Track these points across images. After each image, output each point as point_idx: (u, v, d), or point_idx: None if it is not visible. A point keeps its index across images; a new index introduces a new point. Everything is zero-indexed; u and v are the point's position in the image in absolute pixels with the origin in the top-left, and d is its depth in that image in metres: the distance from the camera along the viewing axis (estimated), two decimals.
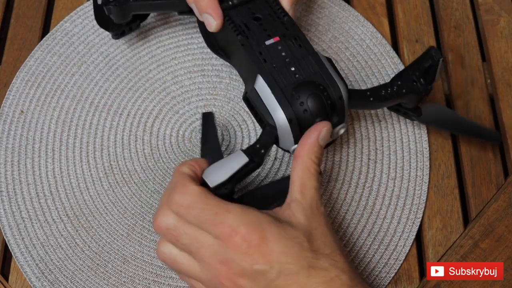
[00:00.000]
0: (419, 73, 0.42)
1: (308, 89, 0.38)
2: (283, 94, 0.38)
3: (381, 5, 0.55)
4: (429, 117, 0.45)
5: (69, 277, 0.43)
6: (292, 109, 0.38)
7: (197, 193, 0.35)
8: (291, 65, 0.39)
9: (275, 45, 0.40)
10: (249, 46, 0.40)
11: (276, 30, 0.41)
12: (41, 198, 0.45)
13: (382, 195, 0.46)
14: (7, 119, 0.48)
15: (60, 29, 0.52)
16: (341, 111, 0.39)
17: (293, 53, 0.40)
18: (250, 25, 0.42)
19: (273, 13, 0.42)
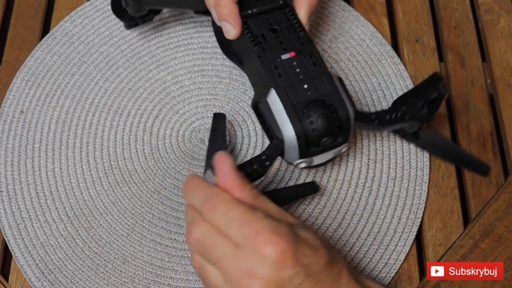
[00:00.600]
0: (424, 101, 0.43)
1: (319, 109, 0.39)
2: (294, 111, 0.39)
3: (381, 5, 0.55)
4: (426, 142, 0.47)
5: (69, 277, 0.43)
6: (302, 126, 0.39)
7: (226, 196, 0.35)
8: (304, 82, 0.40)
9: (290, 61, 0.41)
10: (265, 58, 0.41)
11: (292, 44, 0.42)
12: (41, 198, 0.45)
13: (382, 195, 0.46)
14: (7, 119, 0.48)
15: (60, 29, 0.52)
16: (347, 132, 0.40)
17: (307, 70, 0.41)
18: (267, 37, 0.42)
19: (290, 26, 0.43)
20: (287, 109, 0.39)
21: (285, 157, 0.41)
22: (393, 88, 0.51)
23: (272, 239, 0.33)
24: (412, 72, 0.52)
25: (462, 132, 0.49)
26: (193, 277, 0.43)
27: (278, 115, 0.40)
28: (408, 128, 0.45)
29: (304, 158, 0.40)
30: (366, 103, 0.50)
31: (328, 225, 0.45)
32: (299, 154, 0.40)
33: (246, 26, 0.43)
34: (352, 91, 0.50)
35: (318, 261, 0.34)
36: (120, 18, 0.48)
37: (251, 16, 0.43)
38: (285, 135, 0.39)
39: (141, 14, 0.47)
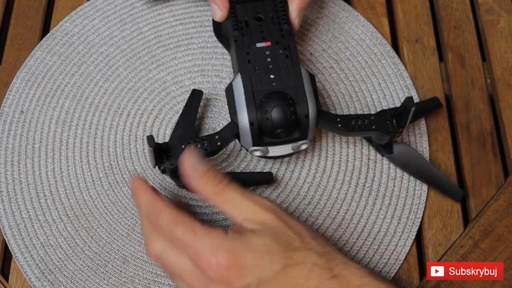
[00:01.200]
0: (394, 114, 0.43)
1: (277, 100, 0.39)
2: (253, 98, 0.40)
3: (381, 5, 0.55)
4: (399, 158, 0.46)
5: (69, 277, 0.43)
6: (256, 114, 0.39)
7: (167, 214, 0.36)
8: (271, 72, 0.41)
9: (263, 49, 0.42)
10: (241, 43, 0.42)
11: (272, 35, 0.42)
12: (41, 198, 0.45)
13: (382, 195, 0.46)
14: (7, 119, 0.48)
15: (60, 29, 0.52)
16: (305, 129, 0.40)
17: (278, 61, 0.41)
18: (250, 23, 0.43)
19: (276, 17, 0.43)
20: (247, 95, 0.40)
21: (241, 142, 0.42)
22: (393, 88, 0.51)
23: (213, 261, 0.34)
24: (412, 72, 0.52)
25: (462, 132, 0.49)
26: None
27: (238, 99, 0.40)
28: (376, 139, 0.45)
29: (258, 146, 0.41)
30: (366, 103, 0.50)
31: (328, 225, 0.45)
32: (252, 141, 0.41)
33: (233, 11, 0.44)
34: (352, 91, 0.50)
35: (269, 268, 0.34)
36: None
37: (240, 2, 0.44)
38: (240, 120, 0.40)
39: None
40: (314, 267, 0.35)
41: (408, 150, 0.47)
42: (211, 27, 0.50)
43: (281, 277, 0.34)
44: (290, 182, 0.47)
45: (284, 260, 0.34)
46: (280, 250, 0.35)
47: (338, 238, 0.45)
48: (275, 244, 0.35)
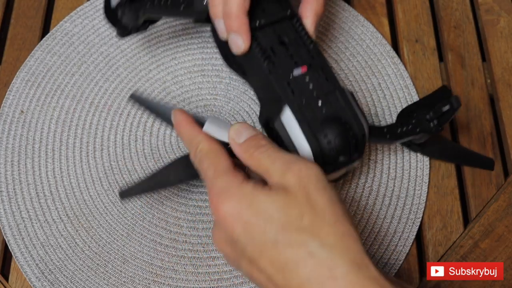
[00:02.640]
0: (433, 114, 0.42)
1: (335, 127, 0.37)
2: (310, 129, 0.37)
3: (381, 5, 0.55)
4: (432, 149, 0.47)
5: (69, 277, 0.43)
6: (319, 144, 0.37)
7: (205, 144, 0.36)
8: (318, 98, 0.38)
9: (302, 77, 0.39)
10: (276, 74, 0.39)
11: (303, 58, 0.40)
12: (41, 198, 0.45)
13: (382, 195, 0.46)
14: (7, 119, 0.48)
15: (60, 29, 0.52)
16: (362, 148, 0.39)
17: (320, 86, 0.39)
18: (276, 50, 0.40)
19: (299, 38, 0.41)
20: (303, 127, 0.37)
21: None
22: (393, 88, 0.51)
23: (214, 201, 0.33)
24: (412, 72, 0.52)
25: (462, 132, 0.49)
26: (193, 277, 0.43)
27: (294, 133, 0.38)
28: (416, 140, 0.45)
29: None
30: (366, 103, 0.50)
31: None
32: None
33: (255, 39, 0.40)
34: (352, 91, 0.50)
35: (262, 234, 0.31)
36: (113, 24, 0.45)
37: (259, 28, 0.41)
38: (302, 154, 0.38)
39: (135, 23, 0.45)
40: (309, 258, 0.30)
41: (437, 139, 0.47)
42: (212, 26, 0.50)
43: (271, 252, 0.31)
44: None
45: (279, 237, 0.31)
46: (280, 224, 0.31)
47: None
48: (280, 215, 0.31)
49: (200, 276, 0.43)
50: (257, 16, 0.41)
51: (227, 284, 0.43)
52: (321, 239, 0.30)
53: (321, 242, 0.30)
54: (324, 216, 0.31)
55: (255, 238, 0.32)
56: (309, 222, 0.31)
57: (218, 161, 0.35)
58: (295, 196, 0.32)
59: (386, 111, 0.50)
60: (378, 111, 0.50)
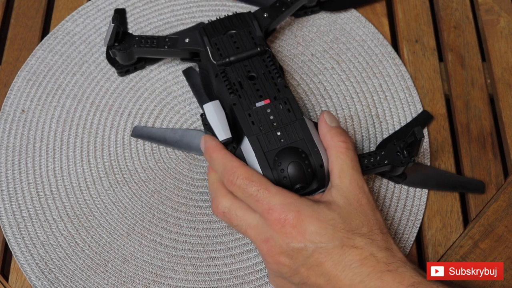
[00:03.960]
0: (403, 145, 0.43)
1: (290, 156, 0.39)
2: (266, 159, 0.39)
3: (381, 5, 0.55)
4: (415, 180, 0.46)
5: (69, 276, 0.43)
6: (273, 175, 0.39)
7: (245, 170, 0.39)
8: (277, 129, 0.40)
9: (264, 108, 0.41)
10: (240, 106, 0.41)
11: (268, 91, 0.42)
12: (41, 197, 0.45)
13: (383, 197, 0.46)
14: (8, 118, 0.48)
15: (62, 29, 0.52)
16: (321, 178, 0.40)
17: (281, 117, 0.41)
18: (244, 84, 0.42)
19: (268, 72, 0.43)
20: (259, 157, 0.39)
21: None
22: (394, 89, 0.51)
23: (283, 217, 0.36)
24: (412, 72, 0.52)
25: (462, 132, 0.49)
26: (193, 277, 0.43)
27: (251, 163, 0.40)
28: (391, 172, 0.45)
29: None
30: (367, 104, 0.50)
31: None
32: None
33: (224, 74, 0.43)
34: (353, 92, 0.50)
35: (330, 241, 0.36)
36: (112, 65, 0.49)
37: (229, 64, 0.44)
38: None
39: (131, 62, 0.49)
40: (371, 257, 0.36)
41: (418, 168, 0.47)
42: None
43: (336, 253, 0.36)
44: None
45: (345, 240, 0.36)
46: (345, 229, 0.37)
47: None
48: (343, 222, 0.37)
49: (200, 276, 0.43)
50: (229, 53, 0.44)
51: (227, 284, 0.43)
52: (379, 245, 0.37)
53: (379, 246, 0.37)
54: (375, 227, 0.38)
55: (322, 244, 0.36)
56: (368, 230, 0.37)
57: (266, 182, 0.38)
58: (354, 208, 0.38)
59: (387, 112, 0.50)
60: (379, 112, 0.50)
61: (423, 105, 0.50)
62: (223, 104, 0.43)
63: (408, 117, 0.49)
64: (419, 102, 0.50)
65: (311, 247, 0.36)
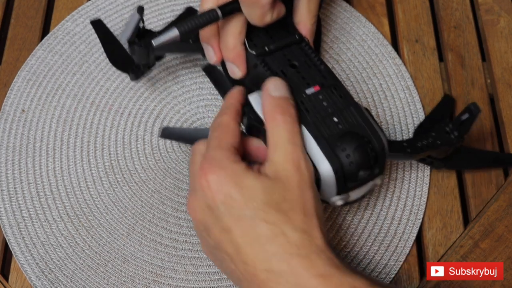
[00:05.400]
0: (453, 125, 0.42)
1: (354, 141, 0.37)
2: (329, 146, 0.37)
3: (381, 5, 0.55)
4: (459, 162, 0.46)
5: (69, 276, 0.43)
6: (338, 161, 0.37)
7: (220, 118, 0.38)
8: (333, 115, 0.38)
9: (316, 95, 0.39)
10: None
11: (315, 78, 0.40)
12: (41, 197, 0.45)
13: (383, 196, 0.46)
14: (8, 118, 0.48)
15: (62, 28, 0.52)
16: (382, 162, 0.39)
17: (334, 103, 0.39)
18: (287, 73, 0.40)
19: (309, 60, 0.41)
20: (320, 143, 0.37)
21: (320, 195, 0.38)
22: (394, 89, 0.51)
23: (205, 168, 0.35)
24: (412, 72, 0.52)
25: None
26: (193, 277, 0.43)
27: (312, 152, 0.38)
28: (437, 154, 0.44)
29: (342, 194, 0.39)
30: (367, 104, 0.50)
31: (329, 227, 0.45)
32: (336, 189, 0.38)
33: (264, 64, 0.41)
34: (353, 91, 0.50)
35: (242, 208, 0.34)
36: (124, 70, 0.45)
37: (269, 54, 0.41)
38: (322, 172, 0.37)
39: (147, 61, 0.44)
40: (281, 236, 0.34)
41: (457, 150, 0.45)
42: None
43: (245, 223, 0.34)
44: None
45: (258, 211, 0.34)
46: (262, 201, 0.34)
47: (339, 239, 0.45)
48: (262, 193, 0.34)
49: (200, 276, 0.43)
50: (265, 43, 0.42)
51: (227, 284, 0.43)
52: (295, 224, 0.34)
53: (294, 226, 0.34)
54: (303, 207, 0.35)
55: (234, 209, 0.34)
56: (288, 208, 0.34)
57: (227, 136, 0.37)
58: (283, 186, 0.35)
59: (387, 112, 0.50)
60: (379, 112, 0.50)
61: (423, 105, 0.50)
62: None
63: (408, 117, 0.49)
64: (419, 102, 0.50)
65: (222, 209, 0.34)
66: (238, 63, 0.42)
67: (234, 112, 0.39)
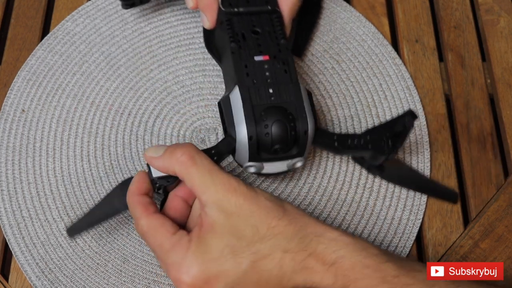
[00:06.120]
0: (390, 134, 0.41)
1: (277, 115, 0.38)
2: (252, 112, 0.38)
3: (381, 5, 0.55)
4: (392, 175, 0.46)
5: (69, 276, 0.43)
6: (256, 129, 0.38)
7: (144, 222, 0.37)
8: (270, 86, 0.40)
9: (262, 63, 0.41)
10: (238, 55, 0.41)
11: (269, 49, 0.41)
12: (41, 197, 0.45)
13: (383, 196, 0.46)
14: (8, 118, 0.48)
15: (62, 28, 0.52)
16: (303, 146, 0.39)
17: (276, 76, 0.40)
18: (247, 36, 0.42)
19: (273, 32, 0.43)
20: (246, 108, 0.39)
21: (235, 157, 0.41)
22: (394, 89, 0.51)
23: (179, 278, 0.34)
24: (412, 72, 0.52)
25: (462, 132, 0.50)
26: None
27: (236, 113, 0.39)
28: (371, 160, 0.44)
29: (254, 162, 0.40)
30: (367, 104, 0.50)
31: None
32: (249, 156, 0.39)
33: (229, 23, 0.43)
34: (353, 91, 0.50)
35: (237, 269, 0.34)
36: None
37: (237, 14, 0.43)
38: (238, 134, 0.39)
39: None
40: (284, 255, 0.34)
41: (398, 165, 0.46)
42: None
43: (251, 274, 0.34)
44: (291, 183, 0.47)
45: (251, 257, 0.34)
46: (244, 246, 0.34)
47: None
48: (237, 241, 0.34)
49: None
50: (238, 4, 0.44)
51: None
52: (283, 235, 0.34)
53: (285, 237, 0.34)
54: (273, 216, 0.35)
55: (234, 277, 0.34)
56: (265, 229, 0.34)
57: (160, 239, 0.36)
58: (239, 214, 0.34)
59: (387, 112, 0.50)
60: (379, 112, 0.50)
61: (423, 105, 0.50)
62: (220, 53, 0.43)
63: None
64: (419, 102, 0.50)
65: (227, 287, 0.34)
66: (207, 13, 0.44)
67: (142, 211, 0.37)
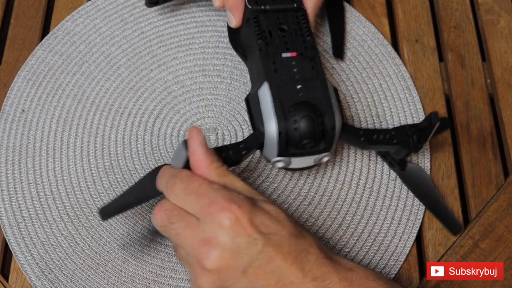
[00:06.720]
0: (415, 130, 0.43)
1: (305, 110, 0.39)
2: (281, 107, 0.39)
3: (381, 5, 0.55)
4: (410, 177, 0.46)
5: (69, 276, 0.43)
6: (285, 124, 0.39)
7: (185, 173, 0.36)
8: (298, 82, 0.40)
9: (289, 60, 0.41)
10: (265, 52, 0.42)
11: (296, 46, 0.42)
12: (41, 197, 0.45)
13: (383, 196, 0.46)
14: (8, 118, 0.48)
15: (62, 28, 0.52)
16: (330, 141, 0.40)
17: (304, 72, 0.41)
18: (273, 33, 0.43)
19: (299, 29, 0.43)
20: (275, 104, 0.39)
21: (264, 152, 0.42)
22: (394, 89, 0.51)
23: (226, 207, 0.33)
24: (412, 72, 0.52)
25: (462, 132, 0.50)
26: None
27: (265, 108, 0.40)
28: (394, 154, 0.45)
29: (282, 157, 0.40)
30: (367, 104, 0.50)
31: (329, 226, 0.45)
32: (277, 151, 0.40)
33: (256, 20, 0.43)
34: (353, 91, 0.50)
35: (279, 231, 0.34)
36: None
37: (263, 12, 0.44)
38: (267, 129, 0.39)
39: None
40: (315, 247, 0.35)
41: (420, 173, 0.46)
42: (213, 26, 0.50)
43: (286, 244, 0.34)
44: (291, 182, 0.47)
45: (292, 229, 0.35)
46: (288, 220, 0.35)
47: (338, 239, 0.45)
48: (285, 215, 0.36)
49: None
50: (265, 2, 0.44)
51: None
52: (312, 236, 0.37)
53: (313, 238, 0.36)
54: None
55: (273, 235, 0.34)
56: None
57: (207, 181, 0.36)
58: None
59: (387, 112, 0.50)
60: (379, 112, 0.50)
61: (423, 105, 0.50)
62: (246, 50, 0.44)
63: (408, 117, 0.50)
64: (419, 102, 0.50)
65: (261, 240, 0.33)
66: (235, 12, 0.45)
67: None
